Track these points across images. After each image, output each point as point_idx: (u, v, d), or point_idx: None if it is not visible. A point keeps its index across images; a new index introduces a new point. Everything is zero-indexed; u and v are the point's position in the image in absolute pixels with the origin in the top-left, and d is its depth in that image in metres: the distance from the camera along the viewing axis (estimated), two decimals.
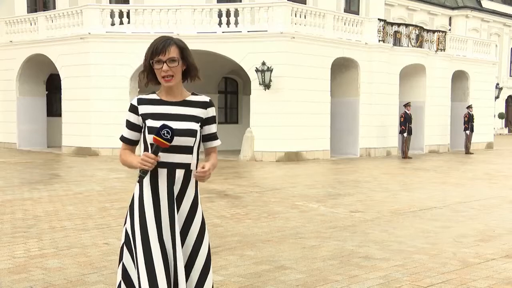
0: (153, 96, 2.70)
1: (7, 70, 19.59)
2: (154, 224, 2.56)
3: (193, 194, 2.68)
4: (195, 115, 2.67)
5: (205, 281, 2.68)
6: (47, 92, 20.32)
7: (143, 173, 2.51)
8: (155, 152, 2.48)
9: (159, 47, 2.58)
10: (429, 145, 21.03)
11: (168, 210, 2.59)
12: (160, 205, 2.59)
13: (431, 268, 4.98)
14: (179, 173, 2.60)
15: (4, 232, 6.24)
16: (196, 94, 2.75)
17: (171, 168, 2.59)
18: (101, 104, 16.63)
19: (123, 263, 2.65)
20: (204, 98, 2.75)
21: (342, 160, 16.91)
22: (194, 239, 2.66)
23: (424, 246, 5.81)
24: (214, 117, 2.78)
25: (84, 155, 16.81)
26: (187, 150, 2.61)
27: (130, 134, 2.72)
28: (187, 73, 2.70)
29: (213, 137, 2.78)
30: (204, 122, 2.71)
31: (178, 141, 2.53)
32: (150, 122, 2.60)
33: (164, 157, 2.54)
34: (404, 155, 18.34)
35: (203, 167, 2.56)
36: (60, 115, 18.59)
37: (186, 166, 2.61)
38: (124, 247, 2.65)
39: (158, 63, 2.58)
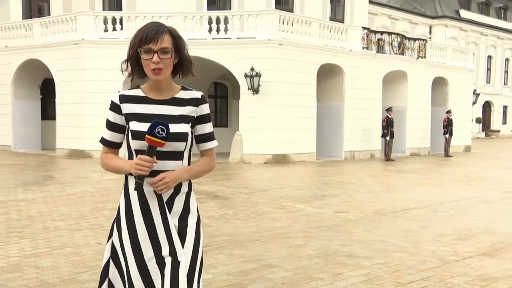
0: (137, 92, 2.25)
1: (2, 75, 19.44)
2: (147, 236, 2.18)
3: (182, 203, 2.26)
4: (184, 114, 2.22)
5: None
6: (41, 96, 20.18)
7: (139, 179, 2.11)
8: (150, 154, 2.10)
9: (150, 34, 2.12)
10: (410, 148, 21.16)
11: (161, 218, 2.19)
12: (152, 217, 2.19)
13: (412, 265, 5.01)
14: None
15: None
16: (186, 89, 2.29)
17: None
18: (94, 107, 16.53)
19: (109, 279, 2.32)
20: (196, 94, 2.29)
21: (327, 163, 16.96)
22: (190, 252, 2.23)
23: (405, 245, 5.84)
24: (207, 115, 2.31)
25: (78, 157, 16.70)
26: (177, 156, 2.19)
27: (111, 136, 2.28)
28: (179, 67, 2.25)
29: (207, 137, 2.32)
30: (196, 121, 2.27)
31: (168, 146, 2.13)
32: (134, 125, 2.17)
33: None
34: (387, 157, 18.43)
35: (162, 178, 2.12)
36: (54, 118, 18.47)
37: None
38: (111, 262, 2.32)
39: (147, 52, 2.12)
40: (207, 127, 2.32)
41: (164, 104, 2.22)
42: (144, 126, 2.12)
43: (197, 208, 2.35)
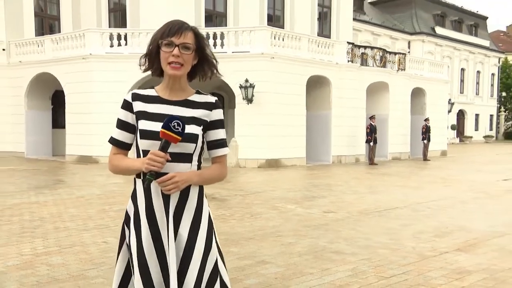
0: (150, 92, 2.03)
1: (17, 87, 19.45)
2: (152, 246, 1.95)
3: (194, 208, 2.00)
4: (196, 117, 1.99)
5: None
6: (52, 107, 20.17)
7: (151, 175, 1.87)
8: (164, 149, 1.87)
9: (173, 28, 1.93)
10: (392, 153, 21.23)
11: (167, 228, 1.96)
12: (157, 224, 1.95)
13: (393, 261, 5.02)
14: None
15: (13, 232, 6.15)
16: (201, 93, 2.07)
17: None
18: (101, 116, 16.50)
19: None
20: (210, 98, 2.06)
21: (316, 167, 16.98)
22: (200, 260, 1.99)
23: (387, 242, 5.86)
24: (221, 120, 2.06)
25: (86, 162, 16.65)
26: (185, 158, 1.95)
27: (121, 135, 2.04)
28: (198, 68, 2.04)
29: (219, 144, 2.07)
30: (208, 126, 2.02)
31: (176, 147, 1.91)
32: (143, 124, 1.95)
33: None
34: (371, 161, 18.48)
35: (171, 177, 1.89)
36: (64, 127, 18.43)
37: None
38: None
39: (168, 45, 1.92)
40: (220, 133, 2.07)
41: (176, 105, 1.99)
42: (153, 125, 1.92)
43: (210, 217, 2.05)
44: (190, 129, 1.93)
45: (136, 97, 2.02)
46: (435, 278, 4.45)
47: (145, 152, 1.93)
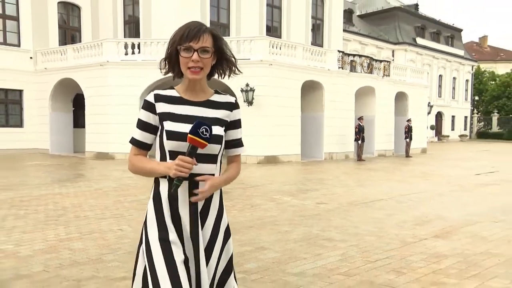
0: (172, 93, 1.83)
1: (42, 91, 19.52)
2: (180, 248, 1.77)
3: (218, 205, 1.86)
4: (220, 117, 1.83)
5: None
6: (73, 108, 20.19)
7: (178, 181, 1.68)
8: (191, 154, 1.69)
9: (192, 32, 1.74)
10: (378, 150, 21.22)
11: (191, 229, 1.77)
12: (181, 225, 1.77)
13: (378, 246, 5.02)
14: (203, 185, 1.78)
15: (39, 220, 6.16)
16: (219, 93, 1.91)
17: (194, 180, 1.76)
18: (117, 117, 16.51)
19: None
20: (230, 98, 1.90)
21: (310, 163, 16.97)
22: (217, 256, 1.85)
23: (373, 230, 5.86)
24: (240, 120, 1.91)
25: (103, 159, 16.64)
26: (212, 159, 1.79)
27: (142, 136, 1.82)
28: (217, 68, 1.87)
29: (238, 143, 1.92)
30: (229, 126, 1.87)
31: (204, 148, 1.73)
32: (169, 125, 1.76)
33: None
34: (359, 158, 18.47)
35: (201, 191, 1.75)
36: (83, 126, 18.43)
37: None
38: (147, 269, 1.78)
39: (187, 50, 1.75)
40: (239, 133, 1.92)
41: (199, 106, 1.82)
42: (179, 127, 1.74)
43: (227, 222, 1.92)
44: (216, 130, 1.77)
45: (158, 98, 1.81)
46: (415, 262, 4.45)
47: (171, 153, 1.75)
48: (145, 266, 1.75)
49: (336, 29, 26.72)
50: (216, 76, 1.90)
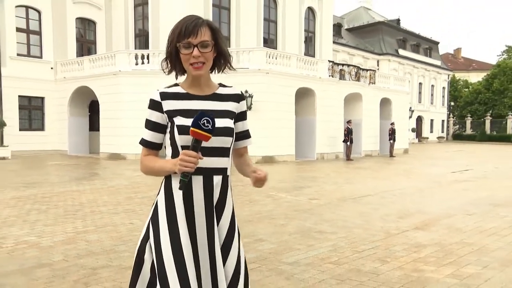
0: (178, 89, 1.62)
1: (62, 98, 19.58)
2: (189, 244, 1.55)
3: (232, 202, 1.68)
4: (229, 110, 1.64)
5: None
6: (89, 113, 20.18)
7: (184, 177, 1.47)
8: (195, 148, 1.48)
9: (189, 28, 1.53)
10: (365, 151, 21.24)
11: (206, 225, 1.56)
12: (195, 221, 1.56)
13: (365, 238, 5.02)
14: (217, 180, 1.59)
15: (58, 214, 6.15)
16: (224, 86, 1.71)
17: (208, 174, 1.56)
18: (128, 121, 16.49)
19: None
20: (236, 90, 1.72)
21: (303, 162, 16.97)
22: (236, 256, 1.64)
23: (361, 223, 5.85)
24: (246, 111, 1.75)
25: (116, 159, 16.62)
26: (224, 152, 1.60)
27: (152, 136, 1.62)
28: (216, 61, 1.65)
29: (246, 135, 1.76)
30: (237, 117, 1.68)
31: (215, 141, 1.53)
32: (180, 121, 1.55)
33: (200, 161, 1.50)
34: (347, 158, 18.47)
35: (259, 173, 1.63)
36: (98, 130, 18.43)
37: (224, 171, 1.62)
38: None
39: (186, 47, 1.54)
40: (246, 124, 1.75)
41: (207, 99, 1.62)
42: (190, 122, 1.50)
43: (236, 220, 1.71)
44: (226, 123, 1.58)
45: (165, 96, 1.60)
46: (398, 251, 4.45)
47: (184, 148, 1.52)
48: (153, 260, 1.57)
49: (327, 41, 26.77)
50: (214, 72, 1.70)
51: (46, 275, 3.63)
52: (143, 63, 17.07)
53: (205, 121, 1.45)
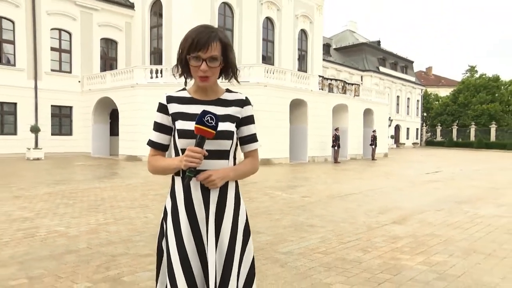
0: (184, 94, 1.52)
1: (87, 107, 19.69)
2: (192, 241, 1.45)
3: (234, 202, 1.51)
4: (231, 114, 1.51)
5: None
6: (110, 120, 20.22)
7: (190, 172, 1.38)
8: (200, 145, 1.38)
9: (201, 41, 1.41)
10: (350, 154, 21.22)
11: (207, 224, 1.46)
12: (197, 221, 1.46)
13: (350, 231, 5.01)
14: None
15: (83, 208, 6.15)
16: (230, 91, 1.58)
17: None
18: (144, 128, 16.49)
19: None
20: (240, 95, 1.57)
21: (297, 164, 16.95)
22: (239, 253, 1.52)
23: (346, 218, 5.85)
24: (252, 116, 1.57)
25: (133, 160, 16.61)
26: (224, 154, 1.47)
27: (159, 138, 1.53)
28: (223, 71, 1.53)
29: (251, 139, 1.57)
30: (241, 122, 1.54)
31: (213, 144, 1.43)
32: (180, 124, 1.46)
33: None
34: (335, 161, 18.46)
35: (208, 175, 1.42)
36: (117, 134, 18.49)
37: None
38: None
39: (196, 59, 1.43)
40: (252, 128, 1.57)
41: (210, 104, 1.50)
42: (190, 125, 1.43)
43: (246, 217, 1.58)
44: (226, 126, 1.46)
45: (170, 99, 1.51)
46: (378, 242, 4.46)
47: (184, 151, 1.44)
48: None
49: (317, 58, 26.87)
50: (223, 78, 1.57)
51: (73, 260, 3.64)
52: (157, 77, 17.10)
53: (209, 118, 1.36)
